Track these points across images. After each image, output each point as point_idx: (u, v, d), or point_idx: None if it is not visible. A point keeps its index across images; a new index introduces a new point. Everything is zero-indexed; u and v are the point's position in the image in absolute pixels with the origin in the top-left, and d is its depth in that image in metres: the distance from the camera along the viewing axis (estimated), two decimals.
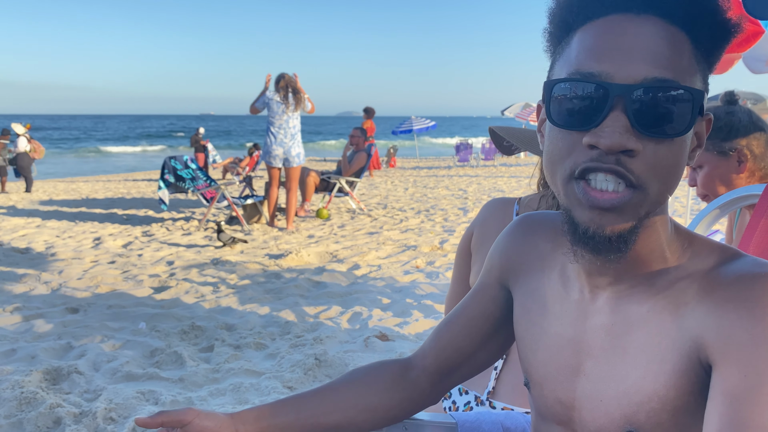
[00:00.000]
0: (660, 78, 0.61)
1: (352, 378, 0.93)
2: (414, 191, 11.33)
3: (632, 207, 0.64)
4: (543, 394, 0.79)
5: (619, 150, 0.61)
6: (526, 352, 0.82)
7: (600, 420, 0.71)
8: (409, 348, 3.18)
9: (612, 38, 0.63)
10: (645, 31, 0.63)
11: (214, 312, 3.90)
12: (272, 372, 2.94)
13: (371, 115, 12.31)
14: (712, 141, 1.70)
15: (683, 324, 0.66)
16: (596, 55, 0.64)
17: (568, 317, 0.76)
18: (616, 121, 0.62)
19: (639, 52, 0.62)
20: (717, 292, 0.64)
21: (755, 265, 0.64)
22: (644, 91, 0.61)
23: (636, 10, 0.64)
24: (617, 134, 0.61)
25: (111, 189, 12.63)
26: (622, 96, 0.62)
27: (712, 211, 1.67)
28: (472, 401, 1.35)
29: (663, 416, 0.66)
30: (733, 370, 0.60)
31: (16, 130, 12.87)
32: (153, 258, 5.52)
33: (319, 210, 7.82)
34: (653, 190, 0.64)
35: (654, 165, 0.63)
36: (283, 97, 6.58)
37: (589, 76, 0.63)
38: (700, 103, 0.63)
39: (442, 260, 5.34)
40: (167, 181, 7.35)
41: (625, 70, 0.62)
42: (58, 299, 4.16)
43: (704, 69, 0.67)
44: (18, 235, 6.71)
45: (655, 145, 0.62)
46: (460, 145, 19.17)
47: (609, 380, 0.71)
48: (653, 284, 0.69)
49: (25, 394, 2.57)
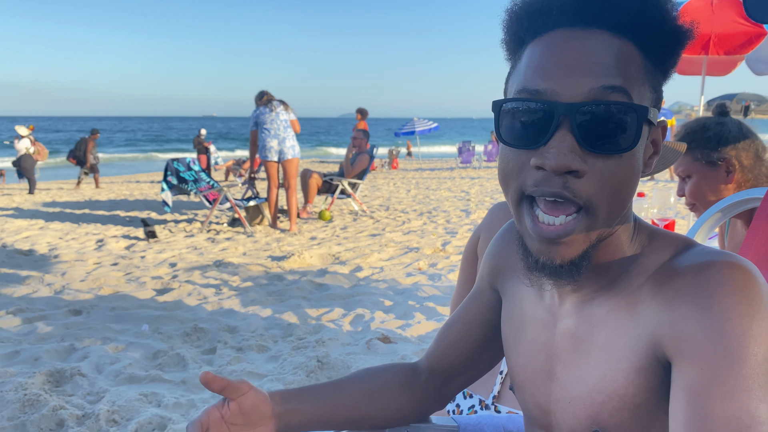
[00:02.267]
0: (607, 86, 0.61)
1: (367, 376, 0.94)
2: (416, 193, 11.33)
3: (581, 234, 0.64)
4: (525, 399, 0.80)
5: (563, 171, 0.61)
6: (510, 355, 0.83)
7: (570, 422, 0.72)
8: (412, 350, 3.18)
9: (557, 54, 0.63)
10: (590, 45, 0.62)
11: (216, 314, 3.91)
12: (274, 374, 2.95)
13: (365, 116, 12.37)
14: (701, 151, 1.71)
15: (639, 322, 0.66)
16: (542, 72, 0.63)
17: (542, 321, 0.77)
18: (561, 141, 0.61)
19: (583, 67, 0.62)
20: (668, 285, 0.64)
21: (702, 254, 0.64)
22: (589, 108, 0.61)
23: (582, 25, 0.64)
24: (562, 155, 0.61)
25: (114, 191, 12.65)
26: (566, 114, 0.61)
27: (714, 215, 1.68)
28: (477, 405, 1.35)
29: (624, 414, 0.66)
30: (690, 364, 0.59)
31: (20, 132, 12.91)
32: (156, 260, 5.53)
33: (322, 212, 7.83)
34: (603, 211, 0.63)
35: (603, 183, 0.62)
36: (267, 103, 6.95)
37: (536, 94, 0.63)
38: (646, 116, 0.62)
39: (445, 262, 5.34)
40: (170, 183, 7.37)
41: (570, 87, 0.61)
42: (61, 301, 4.17)
43: (655, 78, 0.66)
44: (21, 236, 6.73)
45: (603, 162, 0.62)
46: (462, 146, 19.17)
47: (575, 382, 0.71)
48: (614, 285, 0.70)
49: (28, 396, 2.58)
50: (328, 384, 0.92)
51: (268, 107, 6.90)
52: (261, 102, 6.94)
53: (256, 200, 7.56)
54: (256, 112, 6.96)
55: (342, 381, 0.93)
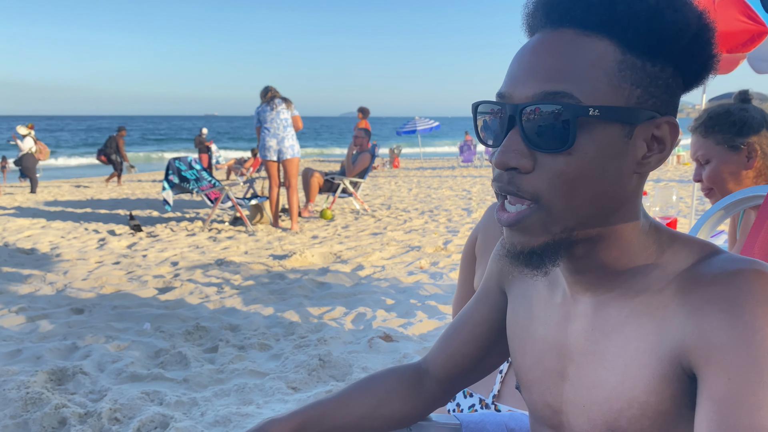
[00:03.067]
0: (549, 91, 0.63)
1: (370, 387, 0.94)
2: (418, 192, 11.33)
3: (536, 223, 0.65)
4: (533, 398, 0.80)
5: (504, 168, 0.65)
6: (516, 355, 0.83)
7: (584, 425, 0.71)
8: (413, 349, 3.18)
9: (519, 58, 0.67)
10: (550, 47, 0.64)
11: (218, 313, 3.91)
12: (276, 373, 2.95)
13: (366, 115, 12.39)
14: (724, 135, 1.71)
15: (662, 328, 0.65)
16: (507, 76, 0.68)
17: (553, 321, 0.77)
18: (510, 140, 0.65)
19: (532, 70, 0.64)
20: (695, 293, 0.63)
21: (729, 262, 0.63)
22: (529, 108, 0.63)
23: (552, 26, 0.66)
24: (502, 153, 0.64)
25: (115, 190, 12.67)
26: (514, 115, 0.64)
27: (717, 212, 1.67)
28: (477, 404, 1.35)
29: (644, 422, 0.65)
30: (718, 374, 0.59)
31: (21, 131, 12.93)
32: (157, 259, 5.54)
33: (323, 211, 7.83)
34: (558, 206, 0.64)
35: (551, 180, 0.63)
36: (270, 101, 6.97)
37: (499, 97, 0.67)
38: (584, 114, 0.61)
39: (446, 261, 5.34)
40: (171, 182, 7.37)
41: (520, 89, 0.65)
42: (63, 300, 4.18)
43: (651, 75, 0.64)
44: (23, 235, 6.74)
45: (551, 160, 0.63)
46: (463, 145, 19.16)
47: (590, 386, 0.70)
48: (631, 287, 0.69)
49: (30, 395, 2.58)
50: (331, 402, 0.91)
51: (269, 105, 6.91)
52: (264, 99, 6.98)
53: (257, 199, 7.56)
54: (258, 110, 6.99)
55: (344, 397, 0.92)
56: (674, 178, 12.40)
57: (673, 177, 12.72)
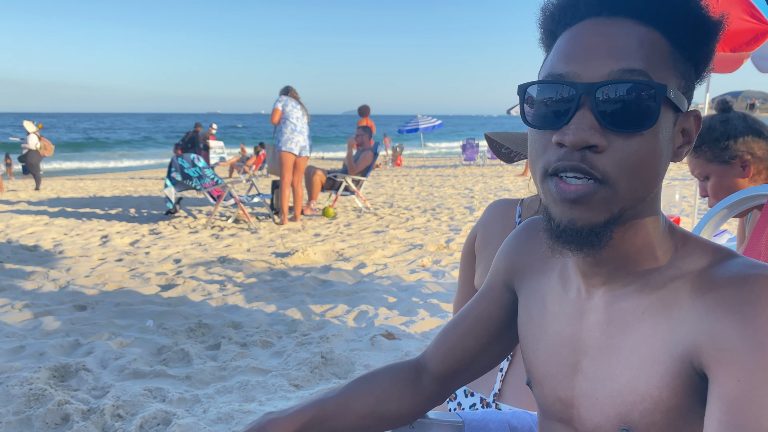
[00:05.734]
0: (626, 69, 0.63)
1: (368, 384, 0.94)
2: (420, 190, 11.33)
3: (601, 201, 0.65)
4: (544, 393, 0.80)
5: (582, 146, 0.63)
6: (528, 351, 0.83)
7: (596, 418, 0.72)
8: (416, 347, 3.18)
9: (581, 40, 0.66)
10: (613, 31, 0.65)
11: (220, 310, 3.92)
12: (279, 370, 2.95)
13: (366, 113, 12.39)
14: (713, 151, 1.73)
15: (676, 327, 0.66)
16: (565, 57, 0.67)
17: (566, 315, 0.77)
18: (581, 119, 0.64)
19: (604, 50, 0.64)
20: (709, 294, 0.64)
21: (746, 266, 0.64)
22: (608, 87, 0.63)
23: (607, 14, 0.67)
24: (580, 131, 0.63)
25: (118, 187, 12.69)
26: (587, 94, 0.64)
27: (720, 212, 1.67)
28: (478, 403, 1.35)
29: (656, 416, 0.66)
30: (728, 374, 0.59)
31: (27, 128, 12.96)
32: (160, 256, 5.54)
33: (326, 208, 7.83)
34: (622, 186, 0.64)
35: (622, 160, 0.64)
36: (295, 99, 7.21)
37: (558, 77, 0.66)
38: (664, 94, 0.64)
39: (448, 259, 5.34)
40: (174, 180, 7.38)
41: (591, 69, 0.64)
42: (66, 297, 4.19)
43: (685, 68, 0.68)
44: (26, 232, 6.75)
45: (623, 140, 0.64)
46: (466, 144, 19.14)
47: (604, 379, 0.71)
48: (647, 284, 0.70)
49: (33, 391, 2.59)
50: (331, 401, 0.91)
51: (299, 103, 7.18)
52: (290, 94, 7.18)
53: (259, 197, 7.57)
54: (284, 102, 7.11)
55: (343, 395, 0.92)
56: (677, 177, 12.38)
57: (676, 176, 12.70)
